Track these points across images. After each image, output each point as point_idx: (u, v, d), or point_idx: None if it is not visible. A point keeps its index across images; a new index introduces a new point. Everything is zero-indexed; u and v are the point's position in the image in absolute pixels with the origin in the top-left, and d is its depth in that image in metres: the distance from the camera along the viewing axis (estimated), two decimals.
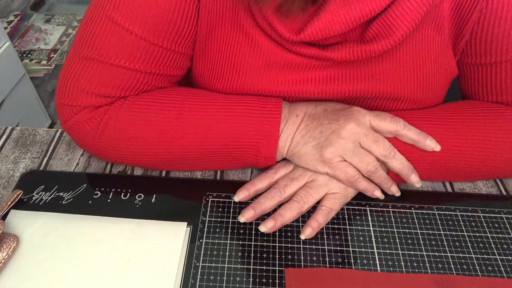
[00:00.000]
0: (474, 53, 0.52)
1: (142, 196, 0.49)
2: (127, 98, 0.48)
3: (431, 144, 0.47)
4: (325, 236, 0.46)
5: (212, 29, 0.49)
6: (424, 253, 0.45)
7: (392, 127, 0.47)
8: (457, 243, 0.46)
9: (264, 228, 0.46)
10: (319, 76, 0.50)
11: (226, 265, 0.43)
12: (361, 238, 0.46)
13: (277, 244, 0.45)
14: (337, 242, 0.45)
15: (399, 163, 0.47)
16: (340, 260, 0.44)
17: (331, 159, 0.47)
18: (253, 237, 0.45)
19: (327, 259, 0.44)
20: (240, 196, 0.49)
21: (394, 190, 0.49)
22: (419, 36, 0.48)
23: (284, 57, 0.48)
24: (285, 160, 0.51)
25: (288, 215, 0.46)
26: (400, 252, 0.45)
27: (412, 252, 0.45)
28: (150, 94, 0.49)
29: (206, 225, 0.46)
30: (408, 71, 0.50)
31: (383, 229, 0.47)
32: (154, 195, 0.49)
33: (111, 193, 0.49)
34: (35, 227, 0.45)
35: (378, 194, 0.48)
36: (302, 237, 0.46)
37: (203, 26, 0.50)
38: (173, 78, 0.53)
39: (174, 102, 0.48)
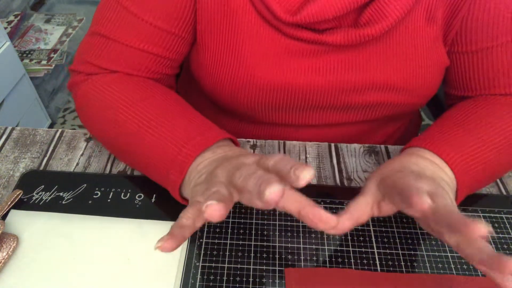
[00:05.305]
0: (464, 41, 0.53)
1: (142, 196, 0.49)
2: (116, 72, 0.52)
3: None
4: (325, 236, 0.46)
5: (212, 20, 0.51)
6: (424, 253, 0.45)
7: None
8: None
9: None
10: (316, 63, 0.51)
11: (226, 265, 0.43)
12: (361, 238, 0.46)
13: (277, 244, 0.45)
14: (337, 242, 0.45)
15: (274, 160, 0.35)
16: (340, 260, 0.44)
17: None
18: (253, 237, 0.45)
19: (327, 259, 0.44)
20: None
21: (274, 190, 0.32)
22: (411, 25, 0.50)
23: (281, 42, 0.50)
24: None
25: None
26: (400, 252, 0.45)
27: (412, 252, 0.45)
28: (135, 78, 0.52)
29: (206, 225, 0.46)
30: (400, 59, 0.52)
31: (383, 229, 0.47)
32: (154, 195, 0.49)
33: (111, 193, 0.49)
34: (35, 227, 0.45)
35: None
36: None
37: (203, 17, 0.52)
38: (167, 61, 0.54)
39: (143, 92, 0.49)
